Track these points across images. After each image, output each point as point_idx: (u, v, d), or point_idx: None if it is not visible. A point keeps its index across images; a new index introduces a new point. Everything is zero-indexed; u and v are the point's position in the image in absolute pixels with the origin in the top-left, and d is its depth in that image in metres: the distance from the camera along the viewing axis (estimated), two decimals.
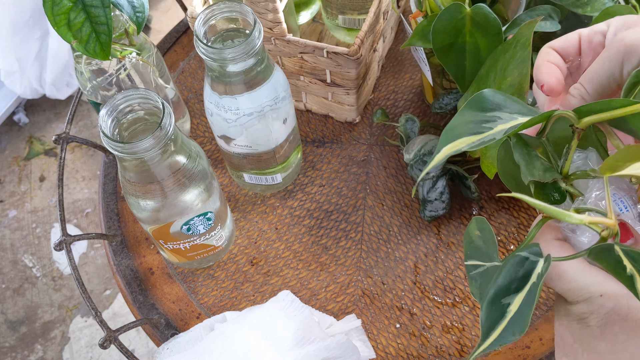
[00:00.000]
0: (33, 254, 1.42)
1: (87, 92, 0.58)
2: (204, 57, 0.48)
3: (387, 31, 0.70)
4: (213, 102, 0.53)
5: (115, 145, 0.43)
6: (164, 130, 0.44)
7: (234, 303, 0.60)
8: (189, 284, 0.62)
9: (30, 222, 1.47)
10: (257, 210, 0.65)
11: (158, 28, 1.71)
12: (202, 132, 0.71)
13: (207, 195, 0.53)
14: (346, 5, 0.67)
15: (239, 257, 0.63)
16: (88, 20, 0.50)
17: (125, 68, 0.56)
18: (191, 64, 0.76)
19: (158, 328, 0.59)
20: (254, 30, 0.47)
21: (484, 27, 0.50)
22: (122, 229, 0.65)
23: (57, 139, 0.61)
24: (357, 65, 0.59)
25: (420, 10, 0.55)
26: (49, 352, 1.31)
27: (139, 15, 0.53)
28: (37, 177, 1.53)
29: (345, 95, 0.65)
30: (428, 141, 0.60)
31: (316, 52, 0.59)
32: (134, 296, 0.61)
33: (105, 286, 1.37)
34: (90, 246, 1.42)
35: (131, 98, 0.45)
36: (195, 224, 0.54)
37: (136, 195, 0.49)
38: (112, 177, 0.68)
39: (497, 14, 0.52)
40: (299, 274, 0.61)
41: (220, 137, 0.57)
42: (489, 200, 0.63)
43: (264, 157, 0.59)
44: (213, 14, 0.49)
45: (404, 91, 0.71)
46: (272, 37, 0.59)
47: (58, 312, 1.35)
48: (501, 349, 0.56)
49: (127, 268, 0.62)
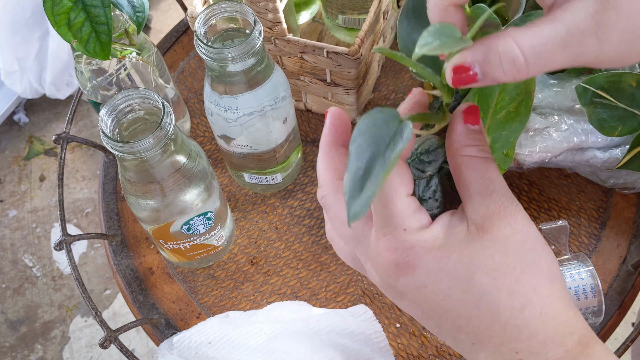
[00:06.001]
0: (33, 254, 1.43)
1: (87, 92, 0.58)
2: (204, 57, 0.48)
3: (387, 31, 0.70)
4: (213, 102, 0.53)
5: (115, 145, 0.43)
6: (164, 130, 0.44)
7: (234, 303, 0.60)
8: (189, 283, 0.62)
9: (30, 221, 1.47)
10: (257, 210, 0.65)
11: (158, 28, 1.71)
12: (202, 132, 0.71)
13: (207, 195, 0.53)
14: (346, 5, 0.67)
15: (239, 256, 0.63)
16: (88, 20, 0.50)
17: (125, 68, 0.56)
18: (191, 64, 0.76)
19: (158, 328, 0.59)
20: (254, 30, 0.47)
21: (484, 27, 0.50)
22: (122, 228, 0.65)
23: (57, 138, 0.61)
24: (357, 65, 0.59)
25: None
26: (49, 352, 1.31)
27: (139, 15, 0.53)
28: (37, 177, 1.53)
29: (345, 95, 0.65)
30: (425, 140, 0.60)
31: (316, 51, 0.59)
32: (134, 296, 0.61)
33: (105, 286, 1.37)
34: (90, 246, 1.42)
35: (131, 98, 0.45)
36: (195, 223, 0.54)
37: (136, 195, 0.49)
38: (112, 176, 0.68)
39: (497, 14, 0.52)
40: (299, 274, 0.61)
41: (220, 137, 0.57)
42: None
43: (264, 157, 0.59)
44: (213, 14, 0.49)
45: (404, 91, 0.71)
46: (272, 37, 0.59)
47: (58, 312, 1.35)
48: None
49: (127, 268, 0.62)
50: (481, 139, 0.30)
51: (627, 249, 0.60)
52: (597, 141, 0.55)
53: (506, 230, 0.28)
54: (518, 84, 0.47)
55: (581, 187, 0.63)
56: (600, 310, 0.52)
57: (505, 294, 0.27)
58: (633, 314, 1.22)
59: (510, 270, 0.28)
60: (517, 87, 0.47)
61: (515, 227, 0.28)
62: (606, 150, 0.56)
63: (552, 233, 0.57)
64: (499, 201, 0.28)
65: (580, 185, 0.63)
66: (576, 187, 0.63)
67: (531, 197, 0.63)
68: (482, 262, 0.28)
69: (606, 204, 0.62)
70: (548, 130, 0.55)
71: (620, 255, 0.59)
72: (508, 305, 0.27)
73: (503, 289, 0.27)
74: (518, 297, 0.27)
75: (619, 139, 0.56)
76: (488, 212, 0.28)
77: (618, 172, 0.58)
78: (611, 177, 0.59)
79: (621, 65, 0.26)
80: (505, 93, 0.48)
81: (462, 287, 0.28)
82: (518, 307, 0.27)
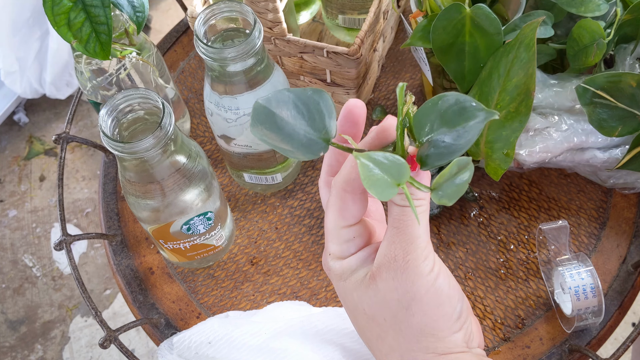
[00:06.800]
0: (33, 254, 1.43)
1: (87, 92, 0.58)
2: (204, 57, 0.48)
3: (387, 31, 0.70)
4: (213, 102, 0.53)
5: (115, 145, 0.43)
6: (164, 130, 0.44)
7: (234, 303, 0.60)
8: (189, 283, 0.62)
9: (30, 221, 1.47)
10: (257, 210, 0.65)
11: (158, 28, 1.71)
12: (202, 132, 0.71)
13: (207, 195, 0.53)
14: (346, 5, 0.67)
15: (239, 256, 0.63)
16: (88, 20, 0.50)
17: (125, 68, 0.56)
18: (191, 64, 0.76)
19: (158, 328, 0.59)
20: (254, 30, 0.47)
21: (484, 27, 0.50)
22: (122, 228, 0.65)
23: (57, 138, 0.61)
24: (357, 65, 0.59)
25: (421, 10, 0.55)
26: (49, 352, 1.31)
27: (139, 15, 0.53)
28: (37, 177, 1.53)
29: (345, 95, 0.65)
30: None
31: (316, 51, 0.59)
32: (134, 296, 0.61)
33: (105, 286, 1.37)
34: (90, 246, 1.42)
35: (131, 98, 0.45)
36: (195, 223, 0.54)
37: (136, 195, 0.49)
38: (112, 176, 0.68)
39: (497, 14, 0.52)
40: (299, 274, 0.61)
41: (220, 137, 0.57)
42: (489, 200, 0.63)
43: (264, 157, 0.59)
44: (213, 14, 0.49)
45: None
46: (272, 37, 0.59)
47: (58, 312, 1.35)
48: (500, 348, 0.56)
49: (127, 268, 0.62)
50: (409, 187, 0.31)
51: (627, 249, 0.60)
52: (597, 141, 0.55)
53: (388, 285, 0.30)
54: (518, 84, 0.47)
55: (581, 187, 0.63)
56: (600, 310, 0.52)
57: (375, 337, 0.32)
58: (633, 314, 1.22)
59: (381, 321, 0.31)
60: (518, 87, 0.47)
61: (396, 282, 0.30)
62: (606, 150, 0.56)
63: (552, 233, 0.57)
64: (393, 252, 0.30)
65: (580, 185, 0.63)
66: (576, 187, 0.63)
67: (531, 197, 0.63)
68: (362, 307, 0.32)
69: (606, 204, 0.62)
70: (548, 130, 0.55)
71: (620, 255, 0.59)
72: (376, 346, 0.33)
73: (373, 333, 0.32)
74: (384, 343, 0.32)
75: (619, 139, 0.56)
76: (381, 262, 0.30)
77: (618, 172, 0.58)
78: (611, 177, 0.59)
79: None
80: (506, 93, 0.48)
81: (351, 316, 0.34)
82: (384, 352, 0.32)
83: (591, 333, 0.56)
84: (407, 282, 0.30)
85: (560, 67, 0.61)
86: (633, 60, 0.55)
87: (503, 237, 0.62)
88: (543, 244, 0.59)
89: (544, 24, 0.52)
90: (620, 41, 0.56)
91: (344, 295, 0.33)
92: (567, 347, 0.55)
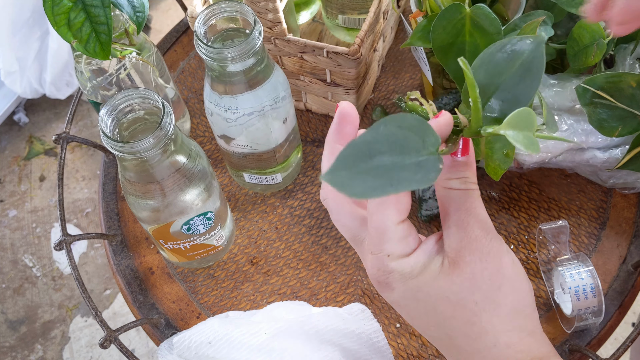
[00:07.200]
0: (33, 254, 1.43)
1: (87, 91, 0.58)
2: (204, 56, 0.48)
3: (387, 31, 0.70)
4: (213, 102, 0.53)
5: (115, 145, 0.43)
6: (164, 130, 0.44)
7: (234, 303, 0.60)
8: (189, 283, 0.62)
9: (30, 221, 1.47)
10: (257, 210, 0.65)
11: (158, 28, 1.71)
12: (202, 132, 0.71)
13: (207, 195, 0.53)
14: (346, 5, 0.67)
15: (239, 256, 0.63)
16: (88, 20, 0.50)
17: (125, 68, 0.56)
18: (191, 64, 0.76)
19: (158, 328, 0.59)
20: (254, 30, 0.47)
21: (484, 27, 0.50)
22: (122, 228, 0.65)
23: (57, 138, 0.61)
24: (357, 65, 0.59)
25: (420, 10, 0.55)
26: (49, 352, 1.31)
27: (139, 15, 0.53)
28: (37, 177, 1.53)
29: (345, 95, 0.65)
30: None
31: (316, 51, 0.59)
32: (134, 296, 0.61)
33: (105, 286, 1.37)
34: (90, 246, 1.42)
35: (131, 98, 0.45)
36: (195, 223, 0.54)
37: (136, 195, 0.49)
38: (112, 176, 0.68)
39: (497, 14, 0.52)
40: (299, 274, 0.61)
41: (220, 137, 0.57)
42: (489, 200, 0.63)
43: (264, 157, 0.59)
44: (213, 14, 0.49)
45: (404, 91, 0.71)
46: (272, 37, 0.59)
47: (58, 312, 1.35)
48: None
49: (127, 268, 0.62)
50: (465, 171, 0.31)
51: (627, 249, 0.60)
52: (597, 141, 0.55)
53: (475, 267, 0.30)
54: None
55: (581, 187, 0.63)
56: (600, 310, 0.52)
57: (462, 323, 0.31)
58: (633, 314, 1.22)
59: (472, 305, 0.30)
60: None
61: (484, 263, 0.30)
62: (606, 150, 0.56)
63: (552, 233, 0.57)
64: (472, 234, 0.30)
65: (580, 185, 0.63)
66: (576, 187, 0.63)
67: (531, 197, 0.63)
68: (446, 295, 0.31)
69: (606, 204, 0.62)
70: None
71: (620, 255, 0.59)
72: (464, 332, 0.31)
73: (461, 320, 0.31)
74: (474, 327, 0.30)
75: (619, 139, 0.56)
76: (461, 246, 0.30)
77: (618, 172, 0.58)
78: (611, 177, 0.59)
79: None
80: None
81: (428, 313, 0.32)
82: (473, 337, 0.31)
83: (591, 333, 0.56)
84: (495, 262, 0.30)
85: (560, 67, 0.61)
86: (633, 61, 0.55)
87: (503, 237, 0.62)
88: (543, 244, 0.59)
89: (544, 24, 0.52)
90: (620, 41, 0.56)
91: (416, 292, 0.31)
92: (567, 347, 0.55)
